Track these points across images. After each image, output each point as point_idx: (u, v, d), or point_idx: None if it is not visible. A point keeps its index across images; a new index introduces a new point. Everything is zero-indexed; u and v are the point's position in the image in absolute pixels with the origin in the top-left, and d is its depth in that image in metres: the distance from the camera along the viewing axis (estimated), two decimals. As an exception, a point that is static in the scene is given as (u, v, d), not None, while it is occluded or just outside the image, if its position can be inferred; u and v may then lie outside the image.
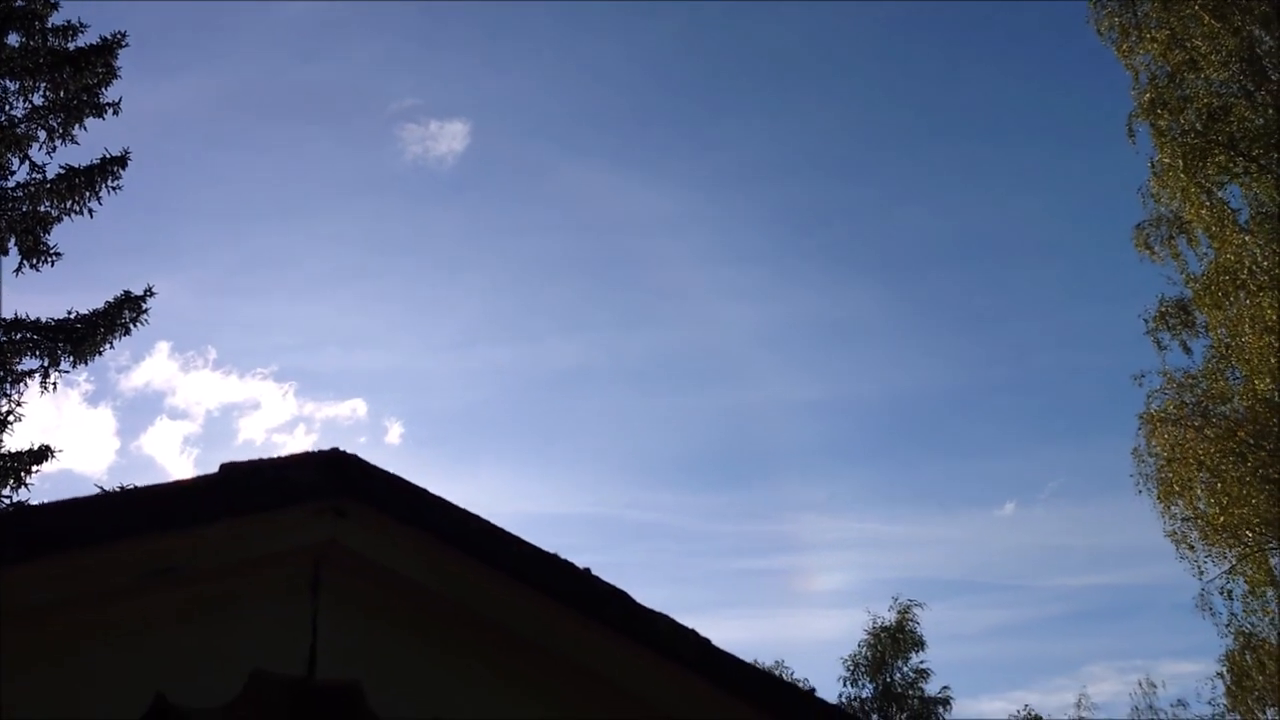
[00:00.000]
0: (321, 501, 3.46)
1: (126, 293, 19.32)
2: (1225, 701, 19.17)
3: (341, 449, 3.45)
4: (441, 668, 3.58)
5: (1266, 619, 17.43)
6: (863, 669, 33.06)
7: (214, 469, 3.29)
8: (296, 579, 3.51)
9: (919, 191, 49.97)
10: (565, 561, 3.50)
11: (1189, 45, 17.07)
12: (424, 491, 3.48)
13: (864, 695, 32.90)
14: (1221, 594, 17.65)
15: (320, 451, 3.44)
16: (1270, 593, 17.17)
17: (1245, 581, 17.30)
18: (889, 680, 32.80)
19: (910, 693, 32.64)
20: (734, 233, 50.89)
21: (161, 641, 3.27)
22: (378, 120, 48.64)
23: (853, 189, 50.44)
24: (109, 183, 19.38)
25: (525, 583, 3.50)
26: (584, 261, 53.31)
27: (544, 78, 50.35)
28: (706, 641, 3.53)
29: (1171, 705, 27.28)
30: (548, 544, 3.48)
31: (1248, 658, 17.73)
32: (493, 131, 48.69)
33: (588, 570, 3.51)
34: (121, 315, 19.16)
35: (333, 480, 3.44)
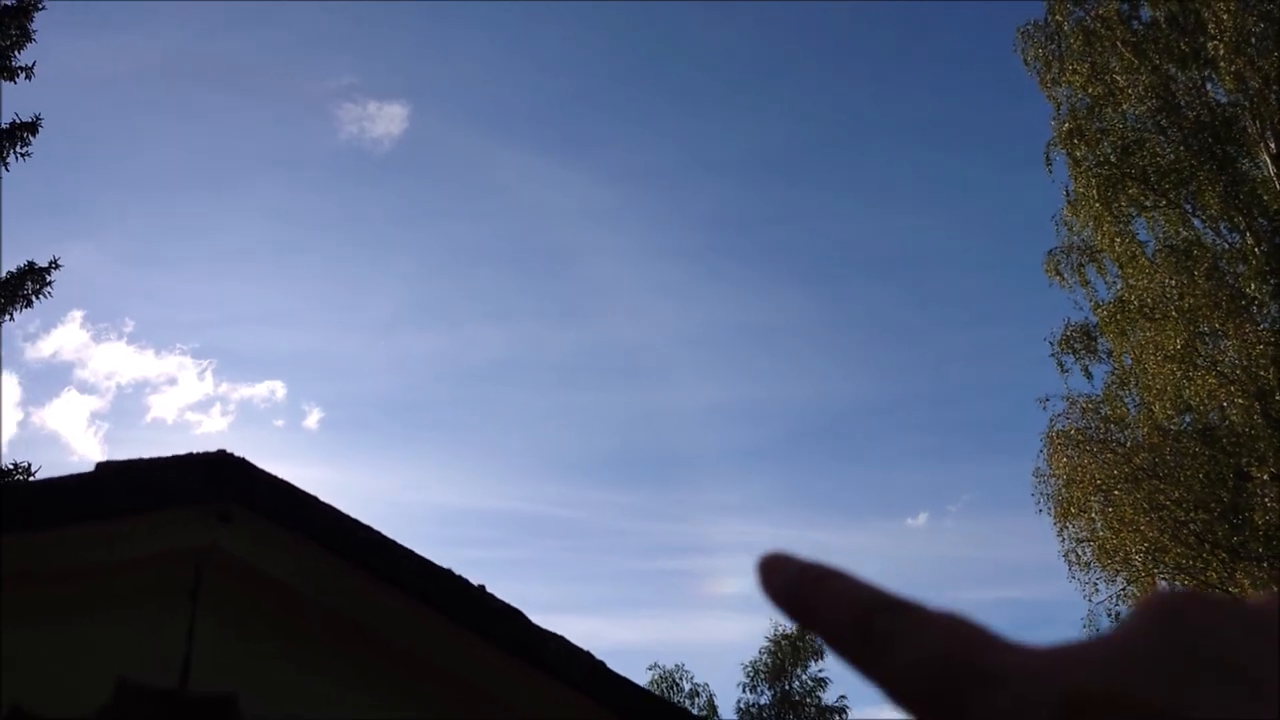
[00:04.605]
0: (204, 505, 3.29)
1: (30, 264, 18.68)
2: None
3: (228, 450, 3.28)
4: (326, 683, 3.43)
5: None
6: (762, 675, 33.39)
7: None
8: (175, 584, 3.33)
9: (852, 200, 50.53)
10: (459, 578, 3.37)
11: (1108, 79, 17.52)
12: (314, 499, 3.33)
13: (762, 702, 33.23)
14: (1109, 615, 18.15)
15: (204, 453, 3.26)
16: (1157, 616, 17.71)
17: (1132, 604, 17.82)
18: (787, 688, 33.16)
19: (808, 700, 33.04)
20: (667, 229, 50.93)
21: (17, 648, 3.06)
22: (314, 96, 47.71)
23: (787, 193, 50.79)
24: (18, 149, 18.71)
25: (417, 598, 3.37)
26: (515, 251, 52.80)
27: (487, 65, 49.86)
28: (601, 664, 3.44)
29: None
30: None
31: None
32: (432, 116, 48.10)
33: (482, 588, 3.38)
34: (24, 286, 18.50)
35: (217, 483, 3.27)
